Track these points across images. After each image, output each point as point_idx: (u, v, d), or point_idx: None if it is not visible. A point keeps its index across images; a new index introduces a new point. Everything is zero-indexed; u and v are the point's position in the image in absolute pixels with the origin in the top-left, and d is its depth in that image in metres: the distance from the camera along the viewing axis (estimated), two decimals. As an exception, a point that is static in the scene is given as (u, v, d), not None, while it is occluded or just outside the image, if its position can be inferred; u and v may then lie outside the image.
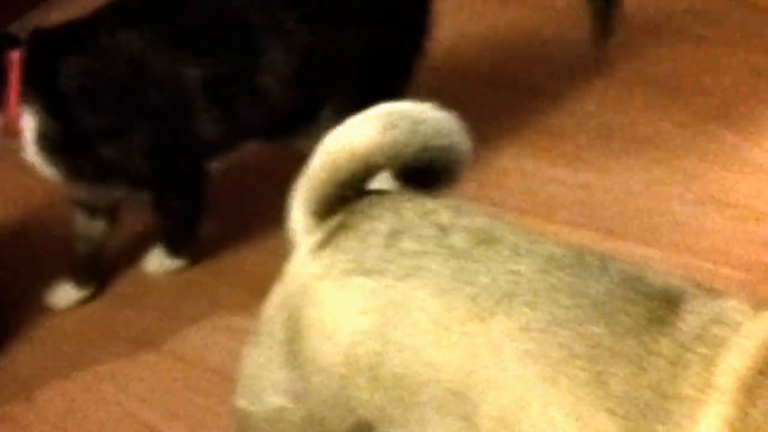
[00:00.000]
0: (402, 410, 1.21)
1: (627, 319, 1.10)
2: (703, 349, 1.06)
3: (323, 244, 1.26)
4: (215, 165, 2.14)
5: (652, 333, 1.08)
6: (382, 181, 1.31)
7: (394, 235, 1.22)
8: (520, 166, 2.41)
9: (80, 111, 1.99)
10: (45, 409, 2.00)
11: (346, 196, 1.28)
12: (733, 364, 1.04)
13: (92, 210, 2.16)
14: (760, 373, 1.03)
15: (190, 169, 2.12)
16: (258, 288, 1.39)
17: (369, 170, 1.26)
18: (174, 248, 2.23)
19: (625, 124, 2.50)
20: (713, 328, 1.08)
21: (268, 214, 2.27)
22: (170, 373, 2.02)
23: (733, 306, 1.10)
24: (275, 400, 1.30)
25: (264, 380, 1.32)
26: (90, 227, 2.18)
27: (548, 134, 2.50)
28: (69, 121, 1.99)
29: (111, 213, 2.19)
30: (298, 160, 1.32)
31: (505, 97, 2.63)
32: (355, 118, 1.27)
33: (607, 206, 2.30)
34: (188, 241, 2.23)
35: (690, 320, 1.08)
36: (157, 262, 2.24)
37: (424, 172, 1.28)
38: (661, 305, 1.10)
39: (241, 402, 1.36)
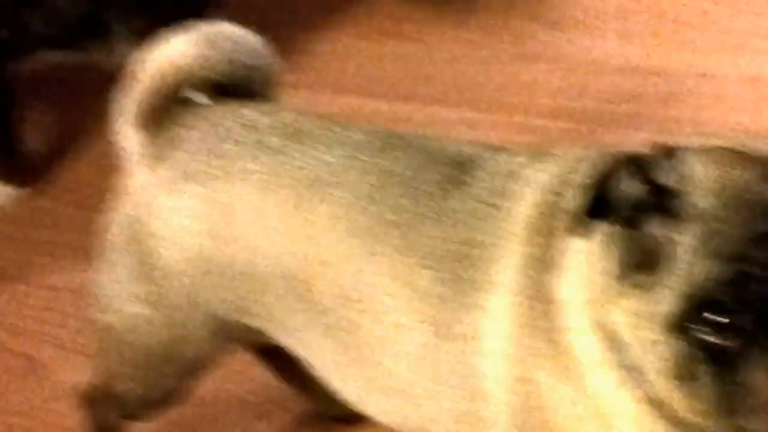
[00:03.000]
0: (247, 301, 1.31)
1: (425, 185, 1.23)
2: (493, 200, 1.20)
3: (150, 156, 1.35)
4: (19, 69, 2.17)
5: (449, 193, 1.22)
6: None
7: (213, 141, 1.32)
8: (333, 47, 2.44)
9: None
10: None
11: (166, 108, 1.36)
12: (519, 209, 1.19)
13: None
14: (542, 212, 1.17)
15: None
16: (99, 204, 1.45)
17: (186, 82, 1.36)
18: (2, 172, 2.24)
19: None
20: (500, 180, 1.21)
21: (94, 129, 2.32)
22: (35, 302, 2.04)
23: (514, 159, 1.23)
24: (137, 311, 1.39)
25: (120, 293, 1.40)
26: None
27: (358, 11, 2.51)
28: None
29: None
30: (116, 74, 1.38)
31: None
32: (177, 35, 1.36)
33: (429, 75, 2.35)
34: (11, 158, 2.25)
35: (480, 177, 1.22)
36: None
37: (237, 91, 1.38)
38: (454, 168, 1.23)
39: (103, 317, 1.44)
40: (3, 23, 2.07)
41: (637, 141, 2.07)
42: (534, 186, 1.19)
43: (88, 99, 2.36)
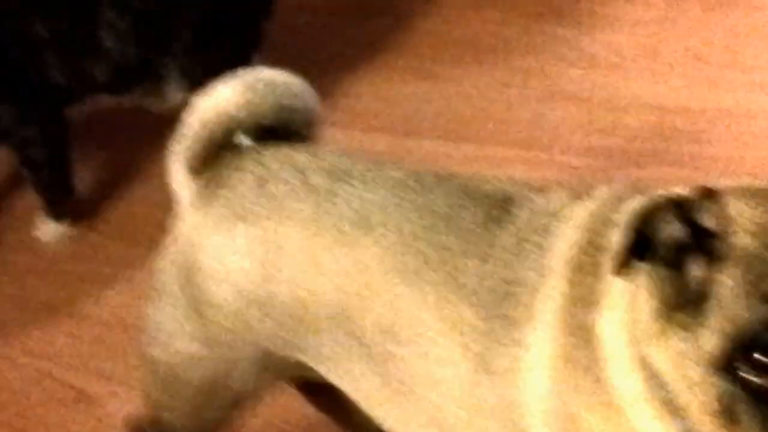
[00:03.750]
0: (294, 335, 1.36)
1: (467, 223, 1.26)
2: (535, 238, 1.23)
3: (201, 198, 1.41)
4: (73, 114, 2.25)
5: (491, 230, 1.25)
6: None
7: (260, 182, 1.37)
8: (372, 87, 2.51)
9: None
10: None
11: (216, 152, 1.42)
12: (560, 247, 1.21)
13: None
14: (582, 251, 1.20)
15: (47, 117, 2.21)
16: (147, 240, 1.50)
17: (233, 127, 1.41)
18: (55, 210, 2.31)
19: (465, 32, 2.62)
20: (541, 219, 1.24)
21: (143, 168, 2.38)
22: (86, 335, 2.09)
23: (555, 198, 1.26)
24: (186, 346, 1.44)
25: (171, 329, 1.45)
26: None
27: (393, 52, 2.59)
28: None
29: None
30: (165, 116, 1.42)
31: (350, 21, 2.72)
32: (221, 82, 1.42)
33: (459, 113, 2.42)
34: (64, 196, 2.32)
35: (521, 215, 1.25)
36: (45, 229, 2.33)
37: (281, 133, 1.43)
38: (495, 206, 1.27)
39: (153, 352, 1.49)
40: (61, 70, 2.16)
41: (665, 178, 2.15)
42: (574, 224, 1.22)
43: (136, 139, 2.44)
